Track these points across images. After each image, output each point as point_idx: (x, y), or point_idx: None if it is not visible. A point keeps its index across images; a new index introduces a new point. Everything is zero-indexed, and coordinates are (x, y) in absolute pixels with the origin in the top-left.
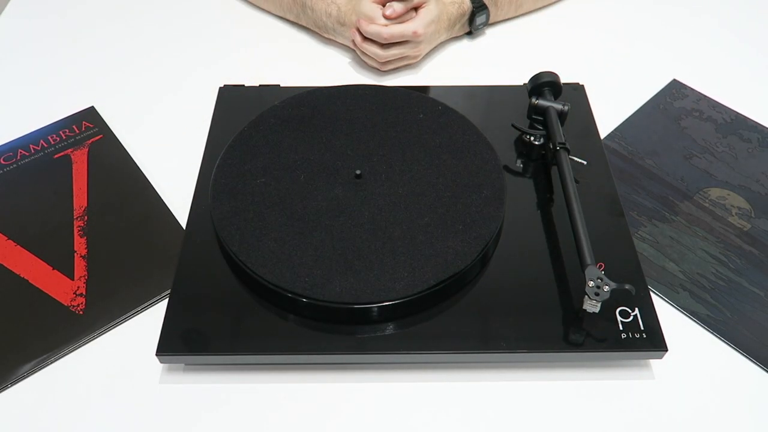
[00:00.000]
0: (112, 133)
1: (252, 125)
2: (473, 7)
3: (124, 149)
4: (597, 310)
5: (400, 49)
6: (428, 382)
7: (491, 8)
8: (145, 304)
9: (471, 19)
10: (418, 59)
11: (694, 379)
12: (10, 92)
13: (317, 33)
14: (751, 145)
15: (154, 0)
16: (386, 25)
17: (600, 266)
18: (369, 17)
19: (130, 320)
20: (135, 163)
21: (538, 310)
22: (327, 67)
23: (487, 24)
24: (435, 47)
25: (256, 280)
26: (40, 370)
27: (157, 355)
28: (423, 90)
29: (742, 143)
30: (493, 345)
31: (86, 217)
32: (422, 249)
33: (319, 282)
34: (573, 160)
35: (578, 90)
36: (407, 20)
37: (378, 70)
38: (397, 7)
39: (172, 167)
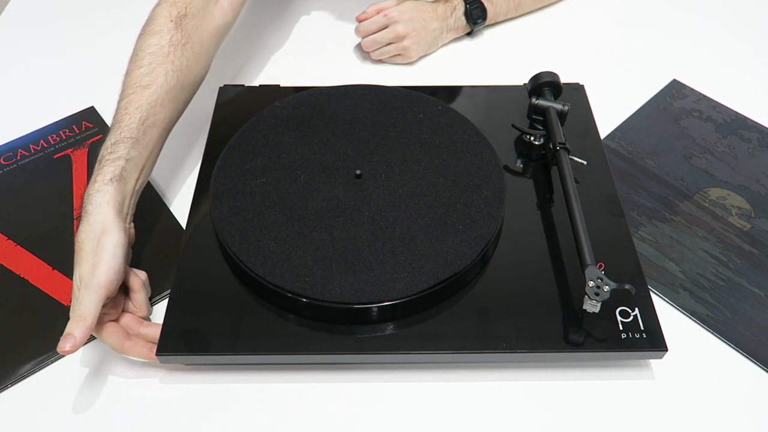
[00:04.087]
0: None
1: (252, 125)
2: (465, 2)
3: None
4: (597, 310)
5: (382, 35)
6: (428, 382)
7: (486, 4)
8: None
9: (468, 15)
10: (412, 49)
11: (694, 379)
12: (10, 92)
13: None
14: (751, 145)
15: (154, 0)
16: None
17: (600, 266)
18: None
19: None
20: None
21: (538, 310)
22: (327, 67)
23: (485, 19)
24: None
25: (256, 280)
26: (40, 370)
27: (157, 355)
28: (423, 90)
29: (742, 143)
30: (493, 345)
31: None
32: (422, 249)
33: (319, 282)
34: (573, 160)
35: (578, 90)
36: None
37: (379, 65)
38: (369, 10)
39: (172, 167)
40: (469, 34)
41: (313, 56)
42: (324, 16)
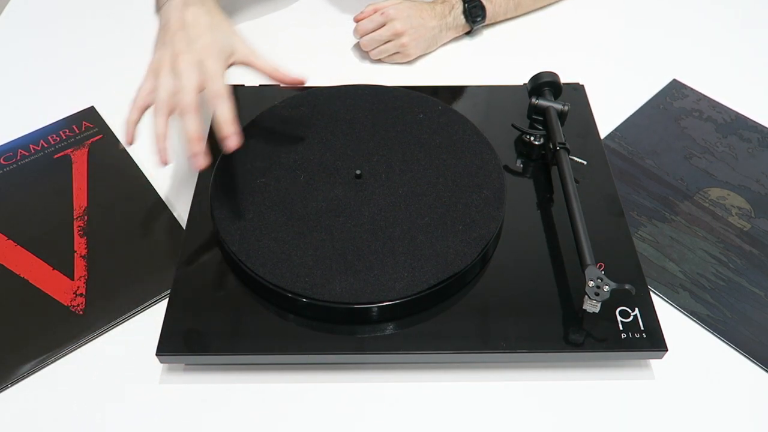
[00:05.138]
0: (112, 133)
1: (252, 125)
2: (464, 1)
3: (125, 149)
4: (597, 310)
5: (380, 33)
6: (428, 382)
7: (486, 3)
8: (145, 304)
9: (467, 14)
10: (410, 46)
11: (694, 379)
12: (10, 92)
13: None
14: (751, 145)
15: (153, 1)
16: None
17: (600, 266)
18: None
19: (130, 320)
20: (135, 163)
21: (538, 310)
22: (327, 67)
23: (484, 18)
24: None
25: (256, 280)
26: (40, 370)
27: (157, 355)
28: (423, 90)
29: (742, 143)
30: (493, 345)
31: (86, 217)
32: (422, 249)
33: (319, 282)
34: (573, 160)
35: (578, 90)
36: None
37: (379, 65)
38: (366, 10)
39: (172, 167)
40: (469, 33)
41: (312, 56)
42: (324, 16)
